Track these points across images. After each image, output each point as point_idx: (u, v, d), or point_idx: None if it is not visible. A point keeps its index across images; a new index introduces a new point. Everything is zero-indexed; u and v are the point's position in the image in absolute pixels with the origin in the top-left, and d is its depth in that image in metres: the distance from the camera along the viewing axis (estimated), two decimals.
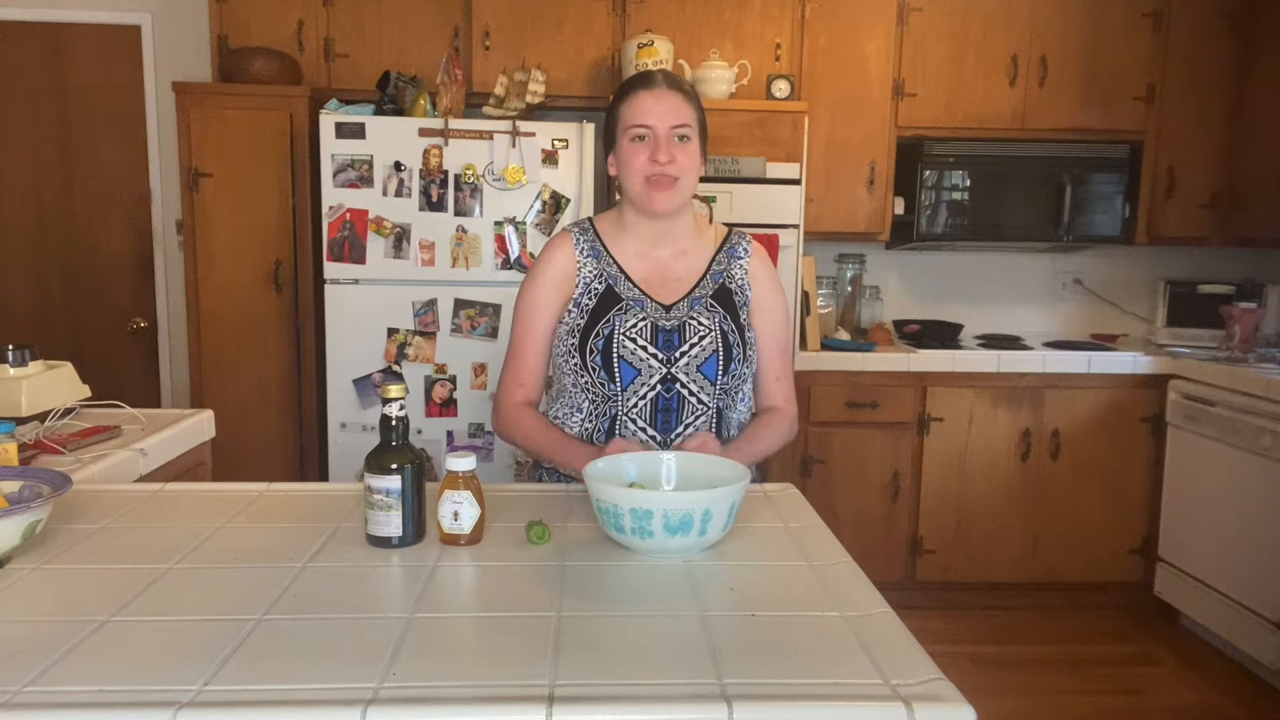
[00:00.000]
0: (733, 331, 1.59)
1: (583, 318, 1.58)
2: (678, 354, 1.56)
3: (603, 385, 1.57)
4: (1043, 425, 3.38)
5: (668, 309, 1.59)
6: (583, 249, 1.63)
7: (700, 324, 1.57)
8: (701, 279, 1.62)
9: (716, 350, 1.57)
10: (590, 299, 1.59)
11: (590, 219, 1.69)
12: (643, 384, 1.55)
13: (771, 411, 1.70)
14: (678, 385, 1.56)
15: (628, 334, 1.55)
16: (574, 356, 1.58)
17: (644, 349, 1.55)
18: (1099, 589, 3.48)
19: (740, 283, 1.64)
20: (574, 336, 1.58)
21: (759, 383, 1.69)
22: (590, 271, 1.61)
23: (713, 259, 1.65)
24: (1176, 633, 3.33)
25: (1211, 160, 3.55)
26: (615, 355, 1.55)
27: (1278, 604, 2.83)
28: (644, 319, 1.56)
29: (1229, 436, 3.03)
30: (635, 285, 1.60)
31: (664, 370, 1.56)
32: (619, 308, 1.57)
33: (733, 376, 1.59)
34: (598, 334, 1.56)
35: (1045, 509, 3.42)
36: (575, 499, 1.48)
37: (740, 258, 1.66)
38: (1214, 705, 2.84)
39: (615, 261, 1.62)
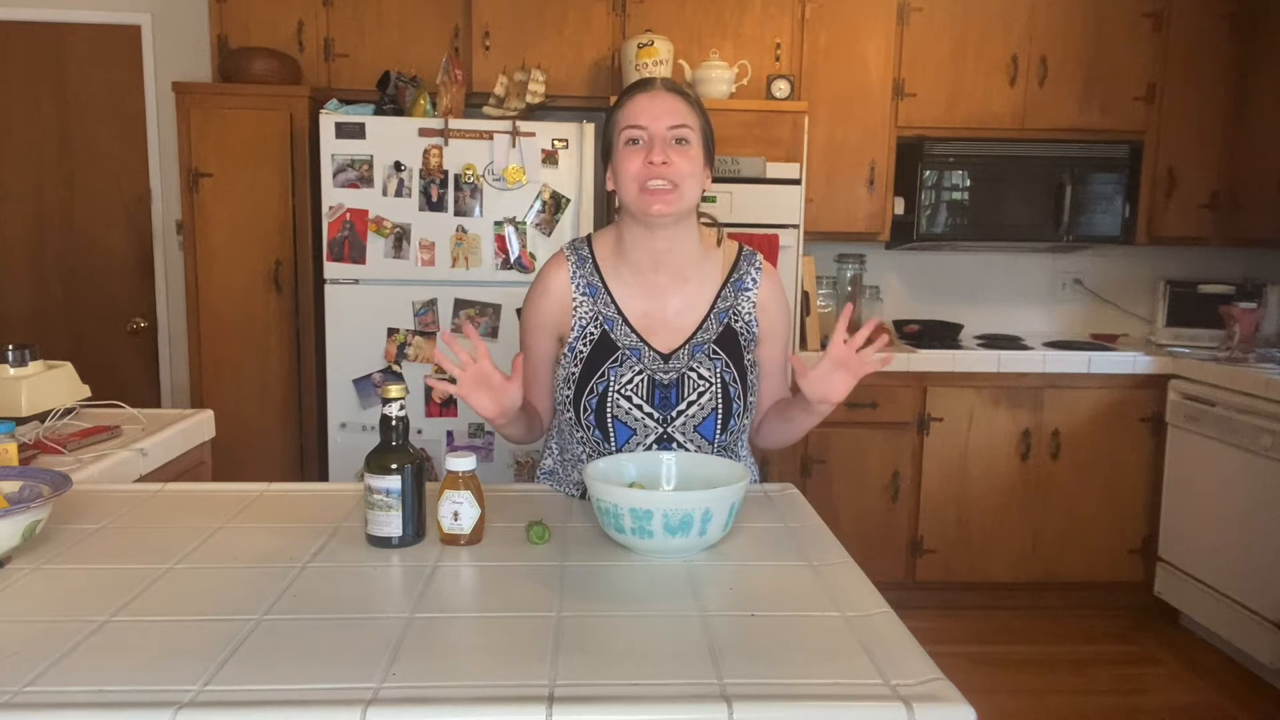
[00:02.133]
0: (734, 382, 1.51)
1: (577, 366, 1.51)
2: (674, 413, 1.49)
3: (598, 443, 1.51)
4: (1043, 425, 3.38)
5: (666, 359, 1.51)
6: (579, 284, 1.53)
7: (700, 377, 1.49)
8: (705, 320, 1.53)
9: (715, 408, 1.49)
10: (585, 345, 1.51)
11: (589, 240, 1.59)
12: (638, 443, 1.49)
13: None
14: (674, 445, 1.50)
15: (622, 391, 1.48)
16: (569, 410, 1.52)
17: (639, 408, 1.48)
18: (1099, 589, 3.48)
19: (747, 319, 1.54)
20: (569, 387, 1.51)
21: (761, 402, 1.62)
22: (586, 312, 1.52)
23: (718, 293, 1.54)
24: (1176, 633, 3.33)
25: (1211, 160, 3.55)
26: (609, 415, 1.49)
27: (1278, 604, 2.83)
28: (640, 372, 1.49)
29: (1229, 436, 3.03)
30: (632, 330, 1.51)
31: (660, 430, 1.49)
32: (614, 359, 1.49)
33: (731, 433, 1.52)
34: (592, 390, 1.49)
35: (1045, 509, 3.42)
36: (575, 499, 1.48)
37: (748, 290, 1.55)
38: (1214, 705, 2.84)
39: (612, 300, 1.52)
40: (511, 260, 3.01)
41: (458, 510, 1.23)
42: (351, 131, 2.95)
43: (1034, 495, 3.41)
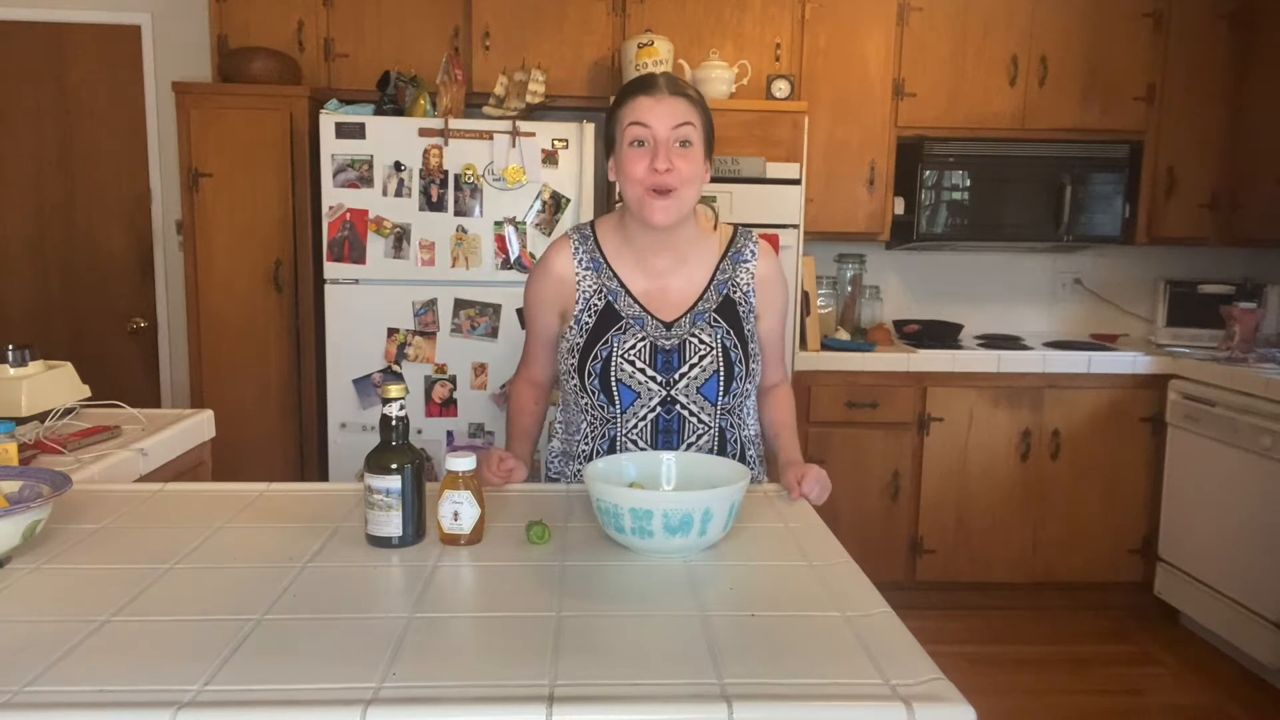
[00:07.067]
0: (735, 347, 1.55)
1: (582, 336, 1.55)
2: (677, 375, 1.52)
3: (602, 408, 1.55)
4: (1043, 425, 3.38)
5: (668, 326, 1.54)
6: (581, 259, 1.59)
7: (701, 342, 1.53)
8: (705, 291, 1.57)
9: (717, 370, 1.53)
10: (590, 316, 1.55)
11: (592, 224, 1.64)
12: (642, 406, 1.53)
13: (774, 393, 1.70)
14: (678, 407, 1.53)
15: (625, 356, 1.52)
16: (573, 378, 1.56)
17: (642, 371, 1.52)
18: (1099, 589, 3.48)
19: (745, 289, 1.59)
20: (574, 356, 1.55)
21: (762, 372, 1.66)
22: (590, 286, 1.57)
23: (717, 267, 1.59)
24: (1176, 633, 3.33)
25: (1211, 160, 3.55)
26: (613, 378, 1.52)
27: (1278, 604, 2.83)
28: (643, 339, 1.53)
29: (1229, 436, 3.03)
30: (635, 301, 1.56)
31: (663, 393, 1.53)
32: (618, 327, 1.53)
33: (734, 395, 1.56)
34: (595, 356, 1.53)
35: (1045, 509, 3.41)
36: (575, 499, 1.48)
37: (746, 261, 1.60)
38: (1214, 705, 2.84)
39: (615, 275, 1.57)
40: (511, 260, 3.01)
41: (458, 510, 1.23)
42: (351, 131, 2.95)
43: (1034, 495, 3.41)
